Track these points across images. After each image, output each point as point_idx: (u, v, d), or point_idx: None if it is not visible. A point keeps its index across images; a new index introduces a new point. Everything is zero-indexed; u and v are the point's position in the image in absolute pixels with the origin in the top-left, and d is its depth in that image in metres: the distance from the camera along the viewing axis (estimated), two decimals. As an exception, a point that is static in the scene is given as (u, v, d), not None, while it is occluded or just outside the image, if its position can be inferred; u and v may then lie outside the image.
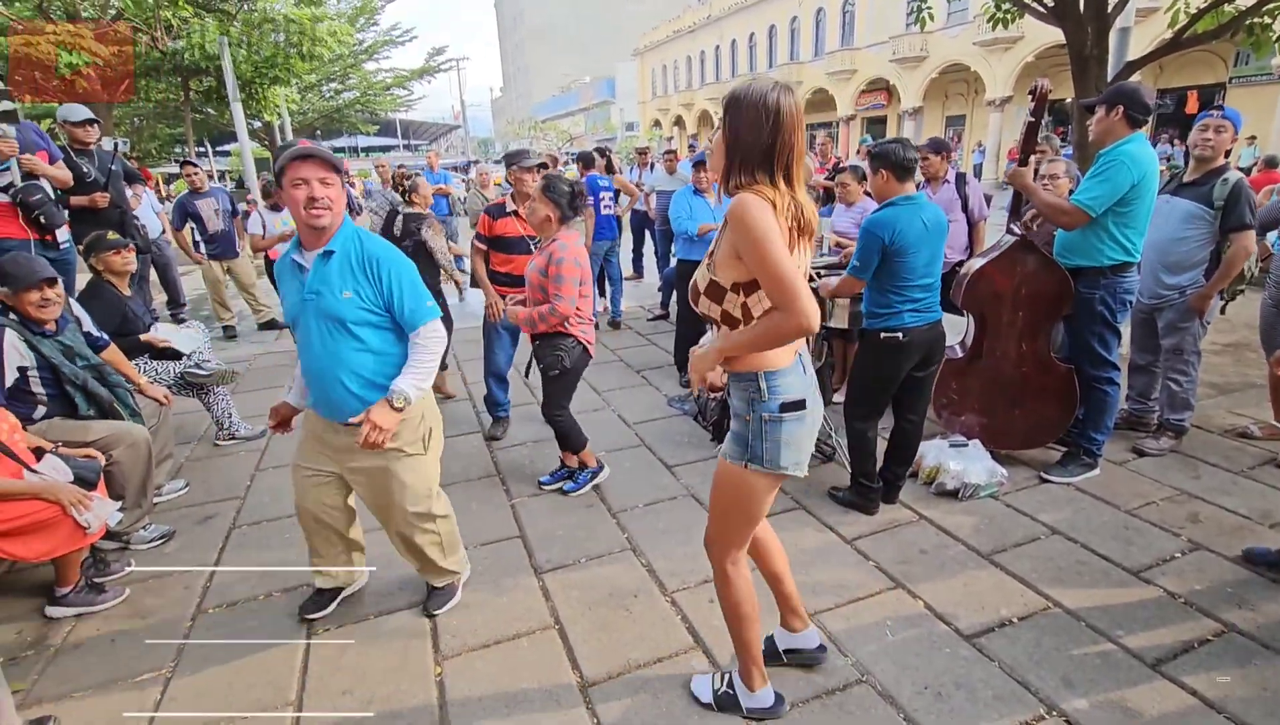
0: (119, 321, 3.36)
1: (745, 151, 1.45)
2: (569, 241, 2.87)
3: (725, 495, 1.71)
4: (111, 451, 2.67)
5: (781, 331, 1.45)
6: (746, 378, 1.58)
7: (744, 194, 1.44)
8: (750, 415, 1.59)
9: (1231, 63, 17.52)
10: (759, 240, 1.40)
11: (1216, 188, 3.06)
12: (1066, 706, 1.88)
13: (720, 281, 1.53)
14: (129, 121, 18.06)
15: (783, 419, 1.58)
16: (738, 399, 1.62)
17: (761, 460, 1.60)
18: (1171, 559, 2.54)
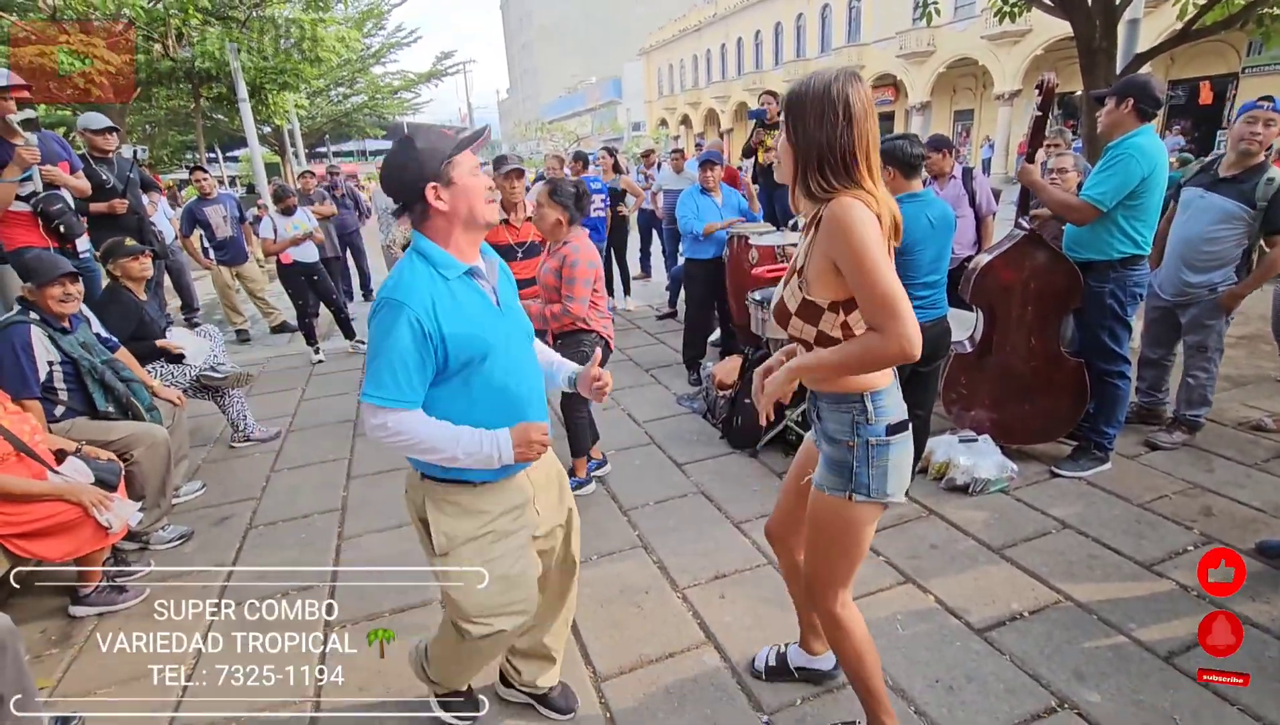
0: (135, 326, 3.42)
1: (820, 152, 1.32)
2: (581, 243, 2.92)
3: (826, 532, 1.56)
4: (132, 452, 2.73)
5: (878, 356, 1.31)
6: (849, 399, 1.45)
7: (845, 199, 1.31)
8: (854, 440, 1.45)
9: (1244, 52, 17.28)
10: (861, 253, 1.27)
11: (1260, 186, 2.94)
12: (1078, 699, 1.89)
13: (816, 301, 1.39)
14: (141, 129, 18.27)
15: (890, 442, 1.45)
16: (835, 423, 1.48)
17: (868, 489, 1.46)
18: (1184, 552, 2.53)
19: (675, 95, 44.06)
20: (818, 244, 1.36)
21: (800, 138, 1.34)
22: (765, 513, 2.95)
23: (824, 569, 1.59)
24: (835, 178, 1.32)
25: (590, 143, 37.81)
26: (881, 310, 1.28)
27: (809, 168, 1.34)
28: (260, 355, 5.96)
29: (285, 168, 17.99)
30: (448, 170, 1.42)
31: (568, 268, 2.88)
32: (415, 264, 1.44)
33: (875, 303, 1.29)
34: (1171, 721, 1.80)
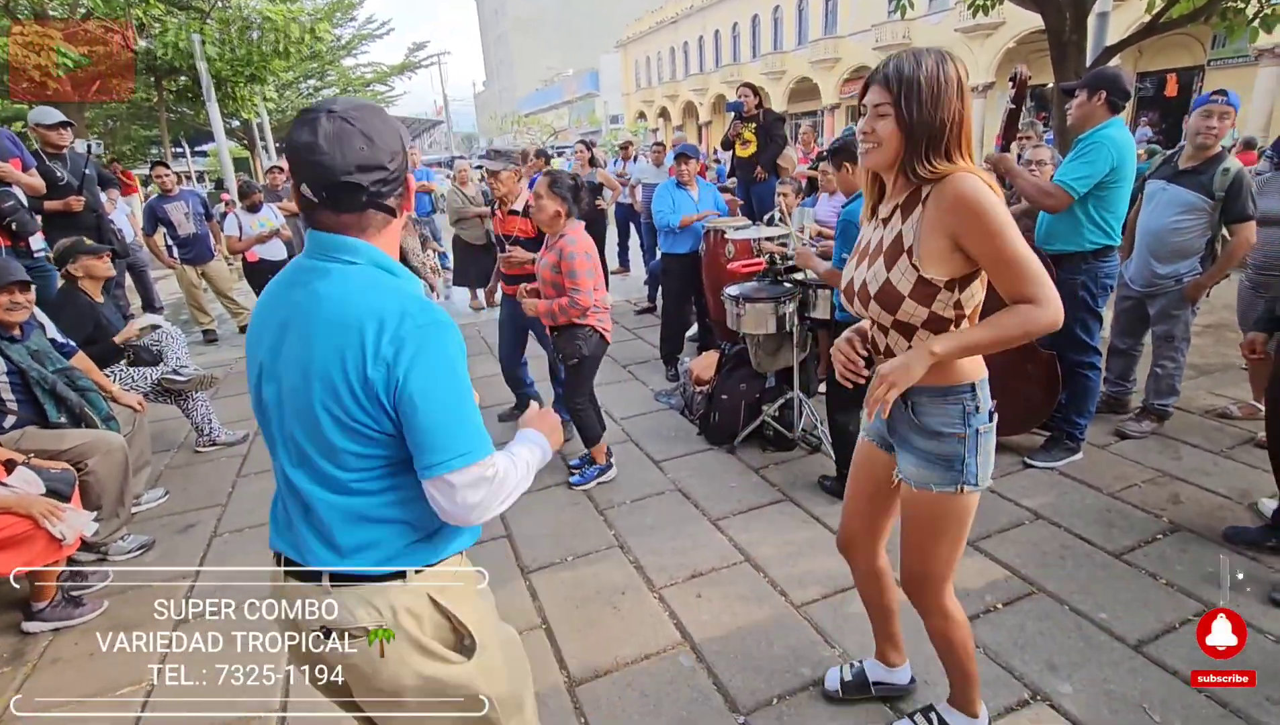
0: (91, 329, 3.30)
1: (935, 132, 1.28)
2: (577, 235, 2.93)
3: (936, 529, 1.50)
4: (86, 461, 2.63)
5: (1037, 325, 1.29)
6: (959, 391, 1.41)
7: (966, 176, 1.28)
8: (965, 431, 1.41)
9: (1209, 45, 17.65)
10: (1001, 228, 1.25)
11: (1217, 177, 3.00)
12: (1051, 690, 1.90)
13: (933, 279, 1.34)
14: (102, 123, 17.73)
15: (991, 429, 1.44)
16: (943, 416, 1.42)
17: (977, 478, 1.44)
18: (1154, 540, 2.56)
19: (653, 88, 43.89)
20: (934, 223, 1.31)
21: (915, 117, 1.28)
22: (742, 509, 2.95)
23: (935, 566, 1.55)
24: (949, 156, 1.30)
25: (568, 136, 37.56)
26: (1033, 281, 1.28)
27: (921, 148, 1.30)
28: (228, 356, 5.81)
29: (255, 163, 17.58)
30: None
31: (566, 261, 2.89)
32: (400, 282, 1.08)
33: (1025, 274, 1.27)
34: (1141, 710, 1.82)
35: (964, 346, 1.34)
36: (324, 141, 0.97)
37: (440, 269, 7.96)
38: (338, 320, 1.00)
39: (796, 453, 3.44)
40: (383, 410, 1.01)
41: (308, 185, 1.01)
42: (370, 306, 1.00)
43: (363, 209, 1.03)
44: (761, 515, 2.91)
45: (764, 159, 5.55)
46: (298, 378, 1.02)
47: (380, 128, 1.01)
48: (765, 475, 3.24)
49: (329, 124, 0.98)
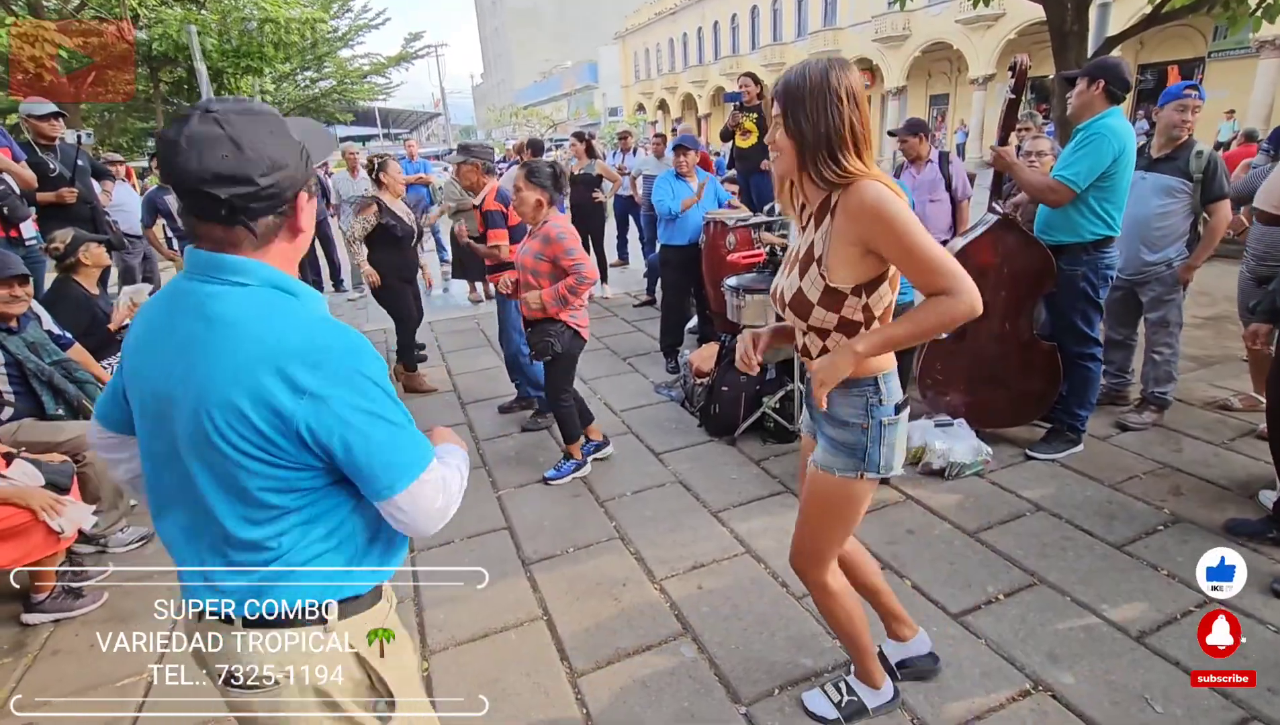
0: (87, 321, 3.28)
1: (828, 139, 1.33)
2: (561, 221, 2.93)
3: (831, 510, 1.61)
4: (84, 452, 2.62)
5: (953, 316, 1.33)
6: (864, 383, 1.49)
7: (868, 183, 1.34)
8: (869, 421, 1.50)
9: (1210, 37, 17.58)
10: (906, 229, 1.30)
11: (1191, 160, 3.09)
12: (1053, 681, 1.90)
13: (839, 287, 1.40)
14: (98, 115, 17.62)
15: (898, 420, 1.52)
16: (848, 407, 1.50)
17: (878, 467, 1.52)
18: (1155, 532, 2.56)
19: (652, 80, 43.71)
20: (842, 230, 1.37)
21: (805, 127, 1.34)
22: (743, 501, 2.95)
23: (822, 544, 1.65)
24: (847, 161, 1.34)
25: (567, 128, 37.39)
26: (945, 275, 1.32)
27: (819, 155, 1.35)
28: (227, 349, 5.79)
29: (252, 155, 17.48)
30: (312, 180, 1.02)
31: (556, 243, 2.87)
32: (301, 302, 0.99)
33: (936, 270, 1.32)
34: (1143, 700, 1.82)
35: (886, 342, 1.40)
36: (184, 142, 0.87)
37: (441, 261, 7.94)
38: (242, 353, 0.89)
39: (797, 445, 3.43)
40: (304, 446, 0.92)
41: (175, 194, 0.93)
42: (279, 337, 0.90)
43: (228, 224, 0.91)
44: (762, 507, 2.91)
45: (762, 145, 5.51)
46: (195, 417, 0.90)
47: (257, 137, 0.90)
48: (766, 467, 3.24)
49: (199, 125, 0.87)
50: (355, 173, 7.08)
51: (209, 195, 0.88)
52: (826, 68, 1.34)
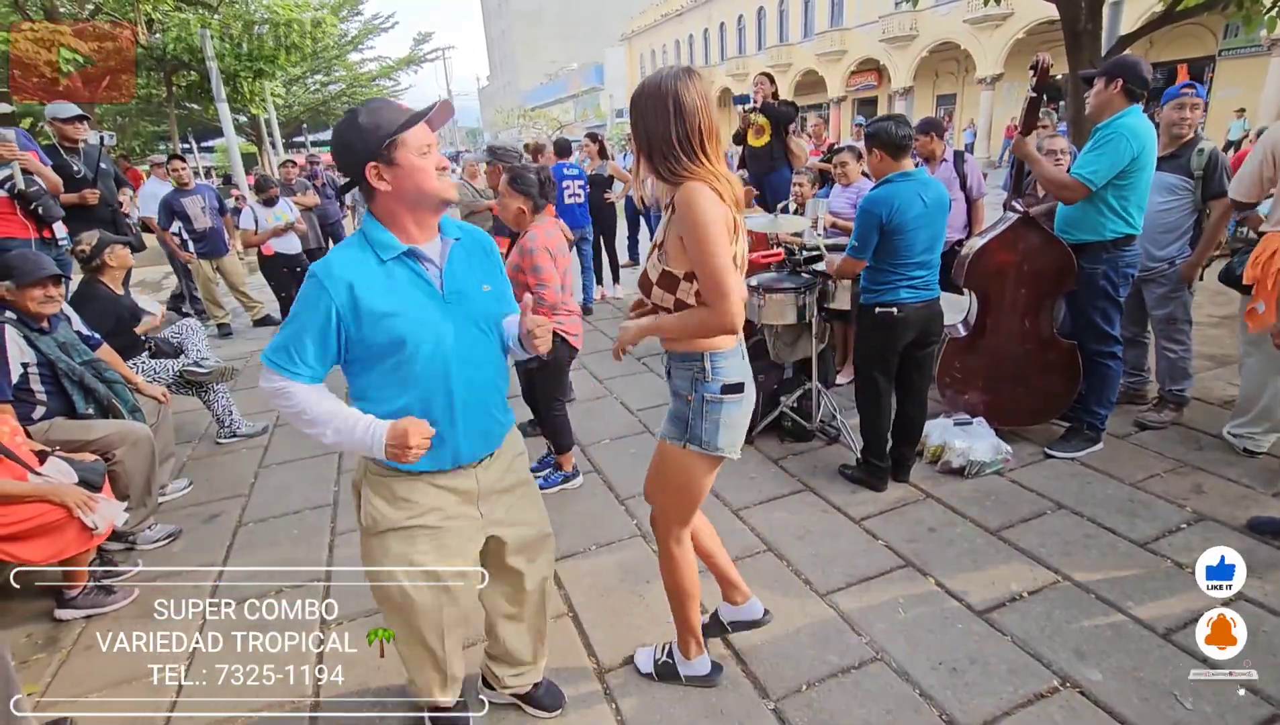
0: (113, 322, 3.32)
1: (657, 142, 1.47)
2: (539, 231, 2.81)
3: (665, 475, 1.75)
4: (114, 451, 2.66)
5: (709, 327, 1.52)
6: (691, 358, 1.61)
7: (693, 183, 1.45)
8: (692, 395, 1.62)
9: (1221, 35, 17.47)
10: (702, 236, 1.44)
11: (1194, 158, 3.12)
12: (1080, 677, 1.91)
13: (673, 271, 1.55)
14: (111, 119, 17.79)
15: (723, 401, 1.61)
16: (680, 379, 1.65)
17: (700, 441, 1.63)
18: (1178, 530, 2.56)
19: (658, 81, 43.65)
20: (673, 223, 1.51)
21: (640, 130, 1.50)
22: (763, 499, 2.96)
23: (663, 508, 1.80)
24: (678, 163, 1.47)
25: (573, 130, 37.43)
26: (712, 288, 1.47)
27: (654, 156, 1.50)
28: (244, 349, 5.85)
29: (262, 158, 17.62)
30: (390, 150, 1.33)
31: (526, 257, 2.77)
32: (352, 242, 1.43)
33: (707, 281, 1.47)
34: (1171, 697, 1.82)
35: (655, 327, 1.60)
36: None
37: None
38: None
39: (815, 443, 3.44)
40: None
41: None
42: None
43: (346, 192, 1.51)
44: (782, 505, 2.92)
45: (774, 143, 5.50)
46: None
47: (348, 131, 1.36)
48: (784, 465, 3.25)
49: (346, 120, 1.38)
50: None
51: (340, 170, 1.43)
52: (664, 78, 1.46)
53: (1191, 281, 3.27)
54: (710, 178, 1.46)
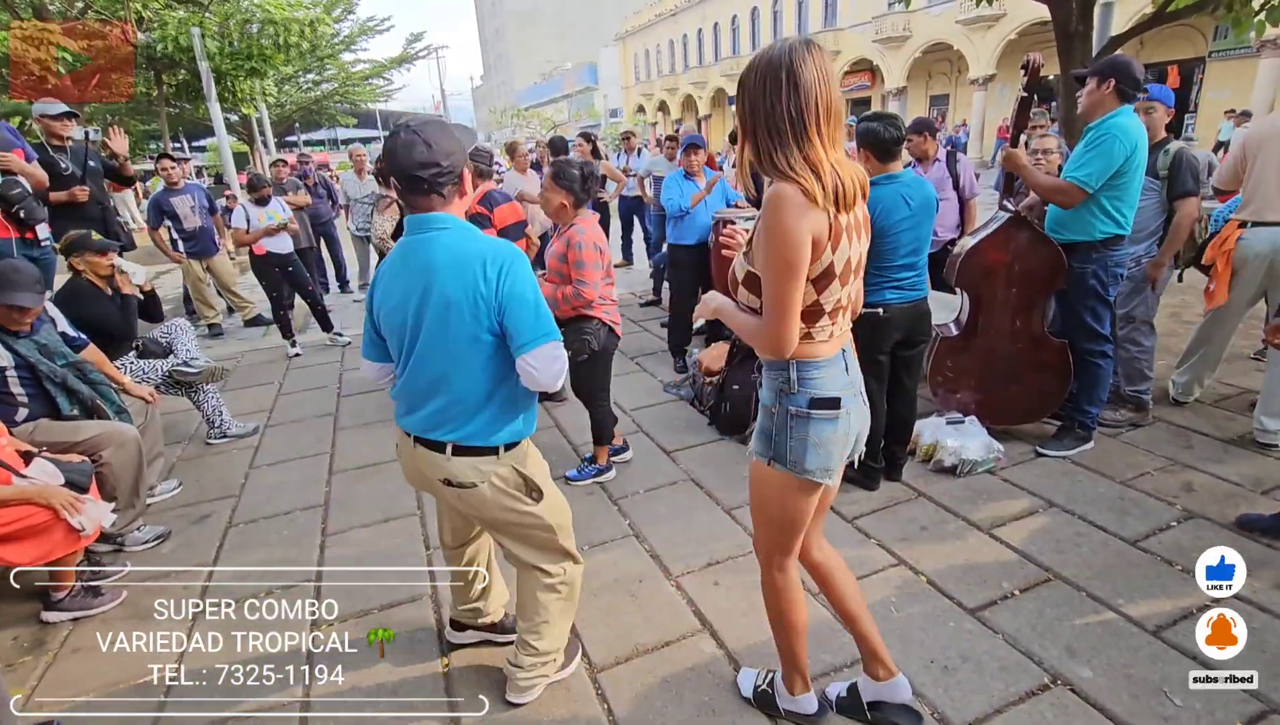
0: (101, 319, 3.29)
1: (766, 122, 1.29)
2: (586, 226, 2.87)
3: (756, 495, 1.59)
4: (101, 452, 2.63)
5: (756, 338, 1.43)
6: (777, 366, 1.45)
7: (782, 185, 1.30)
8: (776, 408, 1.46)
9: (1211, 37, 17.60)
10: (771, 249, 1.31)
11: (1160, 158, 3.16)
12: (1071, 675, 1.91)
13: (760, 273, 1.40)
14: (101, 117, 17.67)
15: (810, 416, 1.43)
16: (766, 389, 1.49)
17: (785, 460, 1.46)
18: (1168, 528, 2.57)
19: (652, 81, 43.73)
20: (760, 224, 1.38)
21: (745, 109, 1.33)
22: (756, 499, 2.95)
23: (759, 533, 1.64)
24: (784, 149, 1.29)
25: (567, 130, 37.38)
26: (769, 307, 1.36)
27: (758, 139, 1.32)
28: (234, 349, 5.81)
29: (254, 157, 17.54)
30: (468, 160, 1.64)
31: (573, 251, 2.85)
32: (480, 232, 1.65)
33: (767, 297, 1.37)
34: (1162, 694, 1.83)
35: (728, 313, 1.51)
36: (401, 148, 1.52)
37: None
38: (458, 262, 1.53)
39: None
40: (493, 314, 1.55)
41: (395, 179, 1.55)
42: (475, 248, 1.55)
43: (426, 194, 1.55)
44: (775, 504, 2.91)
45: None
46: (440, 309, 1.54)
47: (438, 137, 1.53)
48: (777, 465, 3.25)
49: (405, 136, 1.52)
50: (362, 174, 7.09)
51: (417, 177, 1.52)
52: (776, 50, 1.28)
53: (1156, 281, 3.28)
54: (806, 176, 1.28)
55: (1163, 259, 3.24)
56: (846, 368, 1.49)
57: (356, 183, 7.16)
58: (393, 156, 1.51)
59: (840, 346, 1.48)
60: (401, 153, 1.50)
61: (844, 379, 1.47)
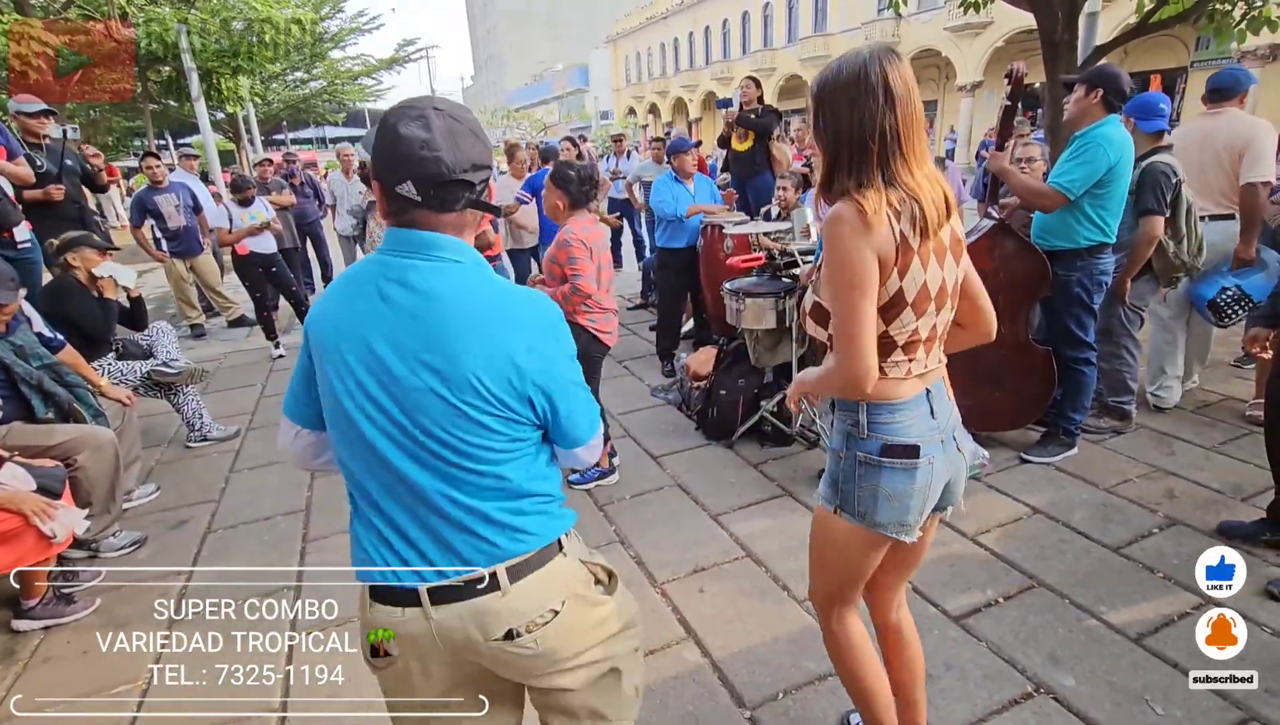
0: (88, 320, 3.24)
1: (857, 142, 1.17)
2: (576, 226, 2.87)
3: (818, 541, 1.47)
4: (76, 456, 2.58)
5: (833, 378, 1.26)
6: (847, 407, 1.32)
7: (838, 207, 1.19)
8: (844, 452, 1.33)
9: (1193, 47, 17.88)
10: (833, 271, 1.20)
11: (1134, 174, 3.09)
12: (1054, 683, 1.91)
13: (826, 304, 1.27)
14: (84, 113, 17.42)
15: (883, 465, 1.28)
16: (835, 433, 1.37)
17: (853, 510, 1.33)
18: (1150, 535, 2.59)
19: (643, 84, 43.81)
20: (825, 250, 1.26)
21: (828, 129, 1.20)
22: (743, 504, 2.95)
23: (816, 581, 1.53)
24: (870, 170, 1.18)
25: (557, 131, 37.32)
26: (840, 336, 1.22)
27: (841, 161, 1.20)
28: (217, 350, 5.73)
29: (240, 155, 17.35)
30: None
31: (562, 249, 2.85)
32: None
33: (837, 326, 1.22)
34: (1143, 702, 1.84)
35: (813, 378, 1.36)
36: (440, 138, 0.94)
37: None
38: (482, 318, 0.99)
39: (795, 448, 3.44)
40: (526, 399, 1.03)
41: (413, 183, 0.96)
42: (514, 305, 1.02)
43: (464, 208, 1.01)
44: (762, 510, 2.91)
45: (758, 148, 5.53)
46: (432, 378, 0.97)
47: (480, 127, 1.01)
48: (764, 470, 3.25)
49: (440, 121, 0.95)
50: (350, 174, 7.03)
51: (464, 183, 0.98)
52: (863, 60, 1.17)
53: (1123, 296, 3.25)
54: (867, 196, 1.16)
55: (1124, 275, 3.19)
56: (932, 412, 1.32)
57: (344, 183, 7.09)
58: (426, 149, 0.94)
59: (924, 386, 1.31)
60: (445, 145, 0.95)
61: (927, 424, 1.30)
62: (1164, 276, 3.34)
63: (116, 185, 13.31)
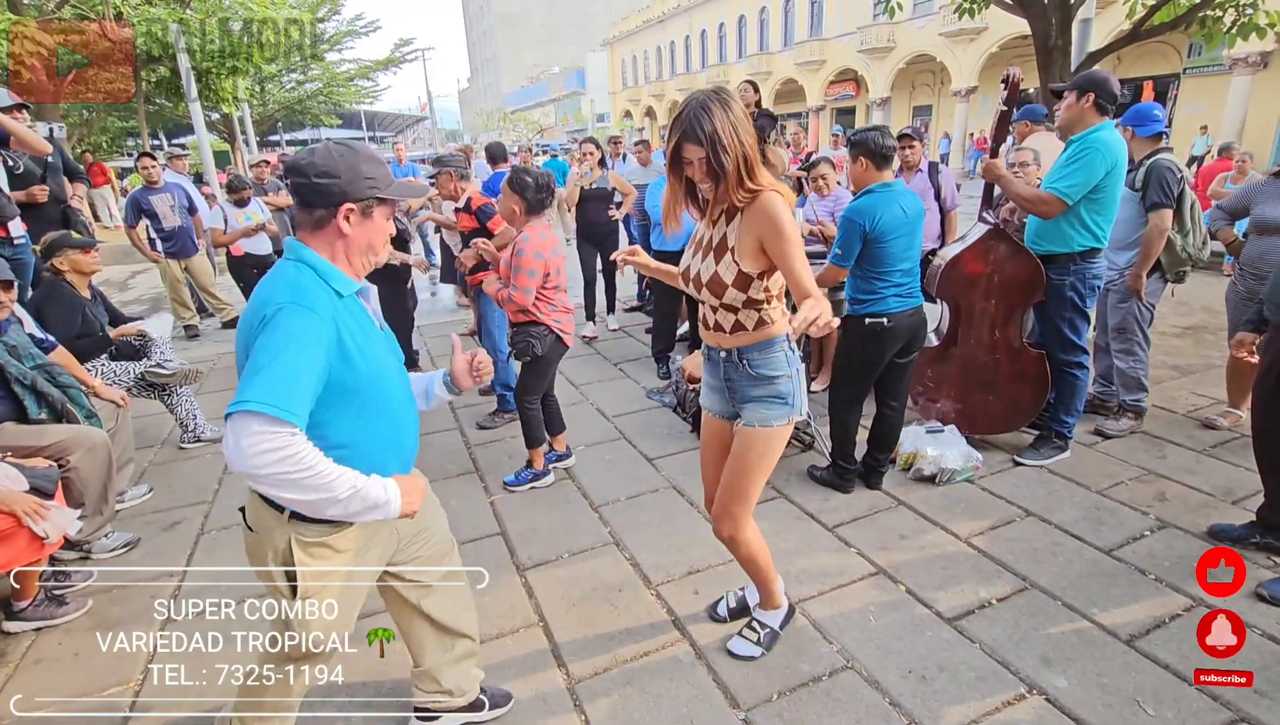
0: (79, 322, 3.22)
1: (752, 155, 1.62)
2: (532, 233, 2.91)
3: (765, 459, 1.83)
4: (69, 456, 2.56)
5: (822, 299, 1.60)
6: (778, 340, 1.78)
7: (773, 195, 1.63)
8: (790, 369, 1.79)
9: (1185, 54, 18.03)
10: (788, 243, 1.60)
11: (1139, 172, 3.21)
12: (1046, 685, 1.92)
13: (748, 271, 1.70)
14: (77, 113, 17.34)
15: (803, 368, 1.84)
16: (768, 364, 1.78)
17: (801, 408, 1.82)
18: (1141, 537, 2.60)
19: (639, 87, 43.86)
20: (748, 228, 1.67)
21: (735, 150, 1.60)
22: (737, 506, 2.95)
23: (752, 491, 1.88)
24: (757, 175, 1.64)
25: (554, 134, 37.30)
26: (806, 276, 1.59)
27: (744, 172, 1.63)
28: (211, 351, 5.71)
29: (235, 156, 17.30)
30: (373, 205, 1.35)
31: (515, 256, 2.90)
32: (303, 276, 1.29)
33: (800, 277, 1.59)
34: (1135, 703, 1.85)
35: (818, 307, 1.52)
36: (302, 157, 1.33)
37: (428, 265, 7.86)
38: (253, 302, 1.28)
39: (789, 450, 3.45)
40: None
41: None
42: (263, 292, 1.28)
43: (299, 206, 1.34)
44: (756, 513, 2.88)
45: None
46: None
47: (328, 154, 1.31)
48: (759, 473, 3.25)
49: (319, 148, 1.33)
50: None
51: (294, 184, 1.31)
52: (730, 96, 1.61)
53: (1138, 292, 3.31)
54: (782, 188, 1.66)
55: (1137, 271, 3.27)
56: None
57: None
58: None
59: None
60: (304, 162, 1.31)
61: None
62: (1170, 270, 3.37)
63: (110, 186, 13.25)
